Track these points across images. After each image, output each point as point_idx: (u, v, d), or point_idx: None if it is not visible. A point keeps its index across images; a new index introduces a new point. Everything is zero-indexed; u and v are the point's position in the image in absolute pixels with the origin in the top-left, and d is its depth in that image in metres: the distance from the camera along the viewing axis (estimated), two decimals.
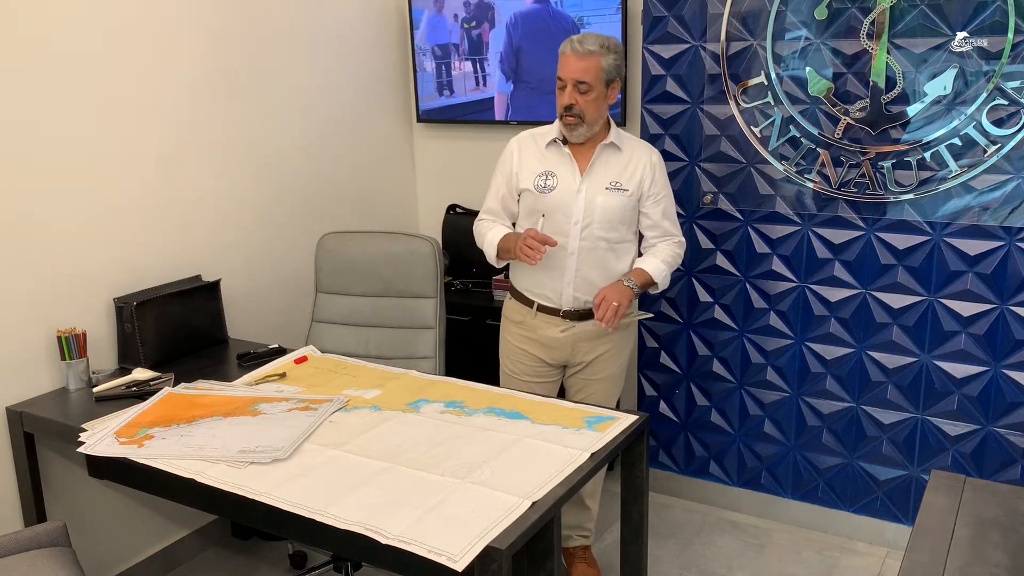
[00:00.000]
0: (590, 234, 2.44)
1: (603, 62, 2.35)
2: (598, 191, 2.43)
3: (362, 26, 3.43)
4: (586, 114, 2.36)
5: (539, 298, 2.53)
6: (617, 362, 2.60)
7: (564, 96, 2.36)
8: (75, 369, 2.42)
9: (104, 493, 2.66)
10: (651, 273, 2.46)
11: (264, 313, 3.10)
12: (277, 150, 3.11)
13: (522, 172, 2.50)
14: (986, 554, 1.47)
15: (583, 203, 2.42)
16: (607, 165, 2.45)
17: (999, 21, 2.42)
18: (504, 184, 2.54)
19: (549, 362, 2.58)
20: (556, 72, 2.39)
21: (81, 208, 2.49)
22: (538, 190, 2.46)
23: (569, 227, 2.44)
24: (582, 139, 2.42)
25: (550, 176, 2.45)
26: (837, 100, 2.68)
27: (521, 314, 2.59)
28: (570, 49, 2.35)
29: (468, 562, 1.54)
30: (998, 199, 2.52)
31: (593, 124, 2.40)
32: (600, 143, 2.44)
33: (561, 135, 2.46)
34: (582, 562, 2.72)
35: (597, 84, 2.35)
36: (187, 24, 2.73)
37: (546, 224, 2.46)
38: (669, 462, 3.25)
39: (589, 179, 2.43)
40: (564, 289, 2.48)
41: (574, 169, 2.45)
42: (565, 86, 2.36)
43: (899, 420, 2.80)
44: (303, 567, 2.86)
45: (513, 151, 2.53)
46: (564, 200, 2.43)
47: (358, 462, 1.90)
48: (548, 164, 2.47)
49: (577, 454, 1.91)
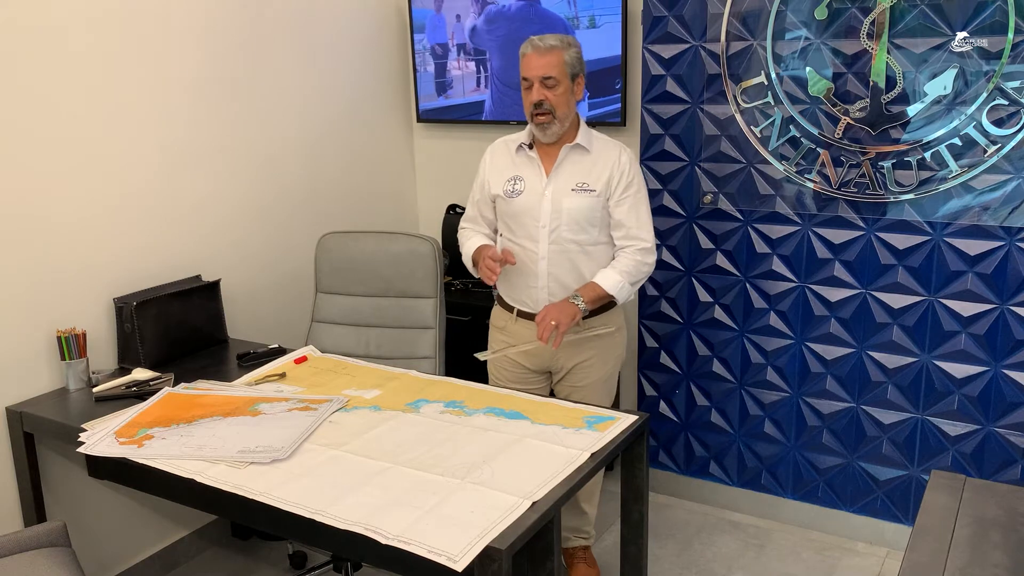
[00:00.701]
0: (559, 237, 2.42)
1: (566, 56, 2.34)
2: (564, 193, 2.41)
3: (362, 26, 3.43)
4: (557, 109, 2.34)
5: (517, 303, 2.52)
6: (602, 369, 2.55)
7: (532, 94, 2.34)
8: (75, 369, 2.42)
9: (104, 493, 2.66)
10: (605, 287, 2.40)
11: (264, 313, 3.10)
12: (277, 150, 3.11)
13: (493, 179, 2.51)
14: (986, 554, 1.47)
15: (549, 206, 2.41)
16: (573, 166, 2.43)
17: (999, 21, 2.42)
18: (479, 191, 2.56)
19: (532, 368, 2.56)
20: (520, 72, 2.37)
21: (81, 208, 2.49)
22: (507, 195, 2.46)
23: (537, 231, 2.43)
24: (555, 137, 2.40)
25: (518, 180, 2.45)
26: (837, 100, 2.68)
27: (503, 320, 2.58)
28: (531, 48, 2.34)
29: (468, 562, 1.54)
30: (998, 199, 2.52)
31: (564, 120, 2.38)
32: (566, 145, 2.42)
33: (530, 139, 2.45)
34: (582, 562, 2.72)
35: (563, 78, 2.34)
36: (187, 24, 2.73)
37: (516, 228, 2.46)
38: (669, 462, 3.25)
39: (555, 181, 2.42)
40: (539, 295, 2.46)
41: (540, 172, 2.44)
42: (531, 85, 2.34)
43: (899, 420, 2.80)
44: (303, 567, 2.86)
45: (486, 159, 2.56)
46: (531, 203, 2.43)
47: (358, 462, 1.90)
48: (517, 169, 2.48)
49: (577, 454, 1.91)
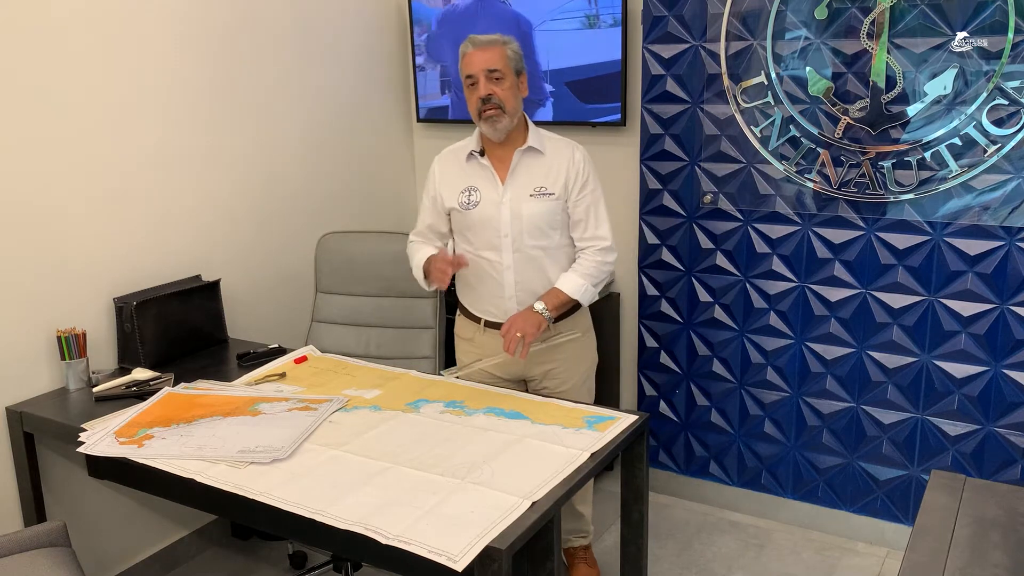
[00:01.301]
0: (522, 245, 2.36)
1: (507, 50, 2.29)
2: (522, 200, 2.34)
3: (363, 26, 3.43)
4: (505, 104, 2.27)
5: (484, 314, 2.47)
6: (577, 371, 2.51)
7: (479, 89, 2.27)
8: (75, 369, 2.42)
9: (104, 493, 2.66)
10: (567, 292, 2.35)
11: (264, 313, 3.10)
12: (277, 150, 3.11)
13: (444, 192, 2.44)
14: (986, 554, 1.47)
15: (508, 214, 2.34)
16: (529, 171, 2.36)
17: (999, 21, 2.42)
18: (431, 206, 2.48)
19: (504, 377, 2.50)
20: (461, 74, 2.32)
21: (81, 208, 2.49)
22: (463, 207, 2.39)
23: (499, 241, 2.37)
24: (504, 133, 2.31)
25: (473, 191, 2.38)
26: (837, 100, 2.68)
27: (470, 331, 2.52)
28: (472, 46, 2.29)
29: (468, 562, 1.54)
30: (998, 199, 2.52)
31: (513, 115, 2.31)
32: (518, 149, 2.36)
33: (479, 146, 2.39)
34: (583, 563, 2.72)
35: (508, 73, 2.28)
36: (187, 24, 2.73)
37: (476, 240, 2.40)
38: (669, 462, 3.25)
39: (512, 189, 2.36)
40: (506, 304, 2.41)
41: (495, 181, 2.37)
42: (476, 80, 2.27)
43: (899, 420, 2.80)
44: (303, 567, 2.86)
45: (435, 170, 2.48)
46: (489, 214, 2.36)
47: (358, 462, 1.90)
48: (469, 179, 2.40)
49: (577, 454, 1.91)
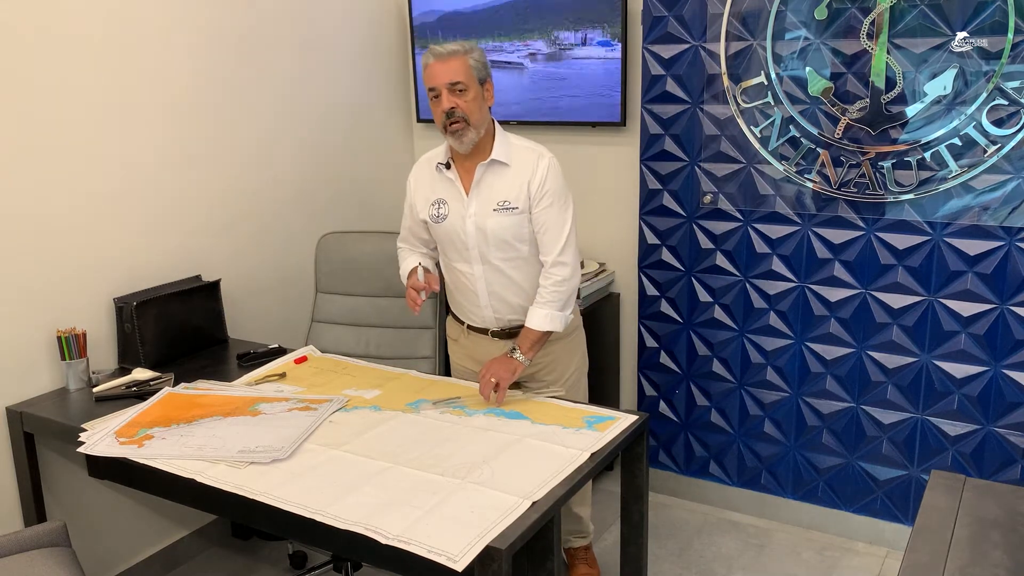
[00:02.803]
0: (489, 258, 2.34)
1: (469, 59, 2.23)
2: (487, 215, 2.31)
3: (363, 26, 3.43)
4: (470, 116, 2.22)
5: (466, 319, 2.48)
6: (566, 371, 2.48)
7: (442, 102, 2.22)
8: (75, 369, 2.42)
9: (104, 493, 2.66)
10: (536, 328, 2.29)
11: (264, 313, 3.10)
12: (277, 150, 3.11)
13: (417, 203, 2.43)
14: (986, 554, 1.47)
15: (473, 228, 2.31)
16: (493, 184, 2.31)
17: (999, 21, 2.42)
18: (409, 214, 2.49)
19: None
20: (425, 86, 2.27)
21: (81, 208, 2.49)
22: (432, 220, 2.38)
23: (468, 253, 2.35)
24: (471, 146, 2.27)
25: (441, 204, 2.36)
26: (837, 100, 2.68)
27: (456, 332, 2.54)
28: (432, 57, 2.23)
29: (468, 562, 1.54)
30: (998, 199, 2.52)
31: (479, 126, 2.26)
32: (481, 163, 2.30)
33: (447, 158, 2.36)
34: (583, 563, 2.72)
35: (472, 83, 2.23)
36: (187, 24, 2.73)
37: (450, 252, 2.40)
38: (669, 462, 3.25)
39: (476, 202, 2.31)
40: (483, 312, 2.41)
41: (460, 194, 2.33)
42: (439, 93, 2.22)
43: (899, 420, 2.80)
44: (303, 567, 2.86)
45: (411, 181, 2.47)
46: (457, 227, 2.33)
47: (358, 462, 1.90)
48: (438, 191, 2.37)
49: (577, 454, 1.91)
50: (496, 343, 2.42)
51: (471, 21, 3.41)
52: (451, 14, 3.44)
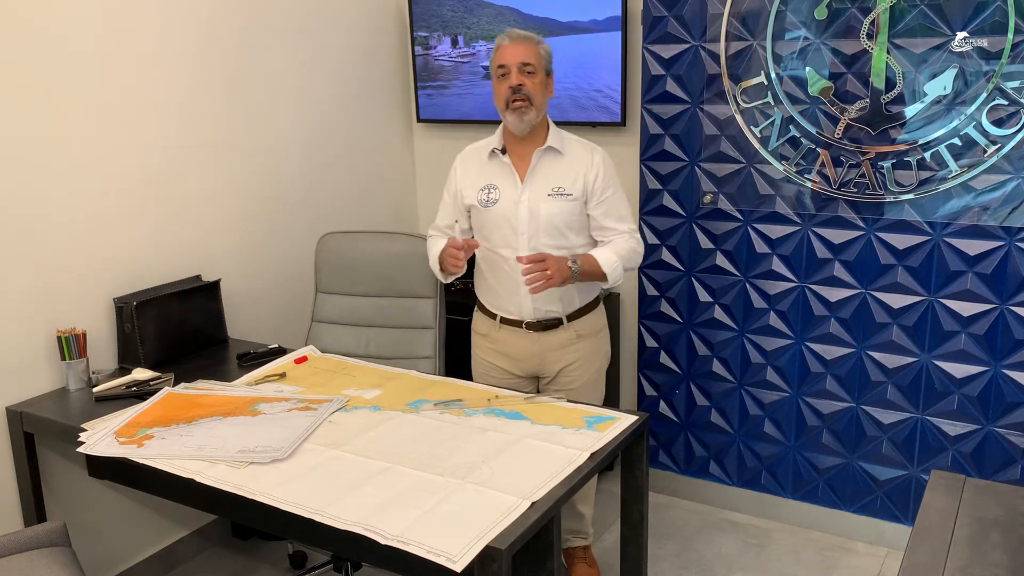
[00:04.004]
0: (538, 244, 2.38)
1: (540, 50, 2.36)
2: (540, 199, 2.37)
3: (362, 25, 3.43)
4: (534, 96, 2.32)
5: (500, 311, 2.50)
6: (589, 369, 2.54)
7: (510, 79, 2.31)
8: (75, 369, 2.42)
9: (104, 493, 2.66)
10: (600, 261, 2.36)
11: (264, 313, 3.10)
12: (277, 150, 3.11)
13: (465, 189, 2.47)
14: (986, 554, 1.47)
15: (526, 213, 2.38)
16: (548, 171, 2.40)
17: (999, 21, 2.42)
18: (451, 202, 2.52)
19: (518, 374, 2.54)
20: (493, 65, 2.36)
21: (81, 208, 2.49)
22: (482, 204, 2.43)
23: (516, 239, 2.39)
24: (529, 127, 2.35)
25: (492, 189, 2.42)
26: (837, 100, 2.68)
27: (486, 326, 2.56)
28: (508, 39, 2.34)
29: (467, 562, 1.54)
30: (998, 199, 2.52)
31: (540, 110, 2.36)
32: (538, 148, 2.39)
33: (501, 144, 2.42)
34: (582, 562, 2.72)
35: (539, 69, 2.34)
36: (186, 24, 2.73)
37: (494, 237, 2.43)
38: (669, 462, 3.25)
39: (530, 187, 2.39)
40: (523, 301, 2.44)
41: (514, 179, 2.40)
42: (508, 71, 2.32)
43: (899, 420, 2.80)
44: (303, 567, 2.86)
45: (456, 168, 2.52)
46: (508, 212, 2.39)
47: (358, 462, 1.90)
48: (489, 177, 2.44)
49: (577, 454, 1.91)
50: (529, 336, 2.47)
51: (466, 22, 3.41)
52: None
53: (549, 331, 2.46)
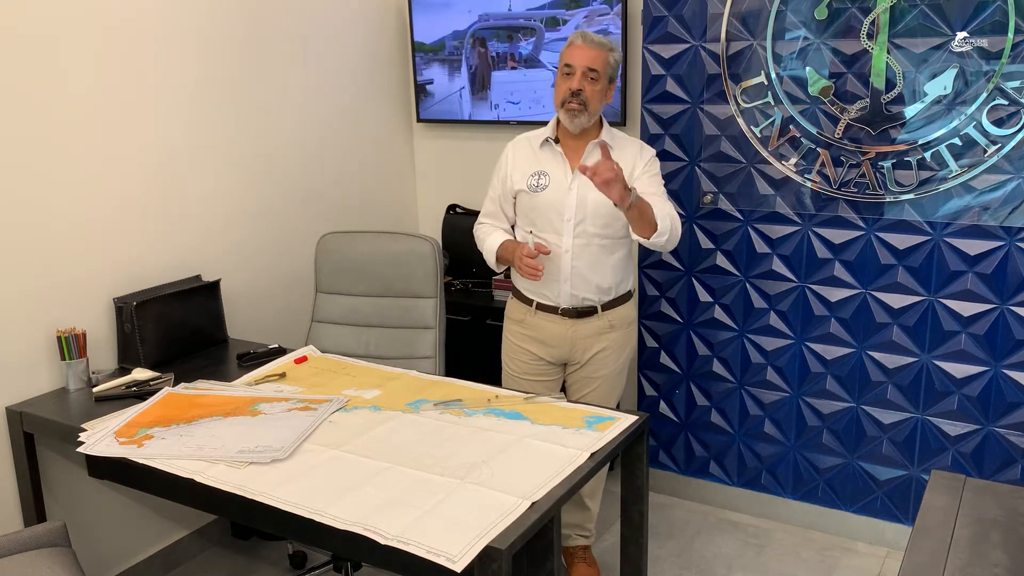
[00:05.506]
0: (584, 231, 2.45)
1: (610, 57, 2.41)
2: (590, 187, 2.40)
3: (362, 26, 3.43)
4: (590, 103, 2.39)
5: (538, 296, 2.56)
6: (617, 360, 2.60)
7: (573, 81, 2.37)
8: (75, 369, 2.42)
9: (104, 493, 2.66)
10: (656, 210, 2.33)
11: (264, 313, 3.10)
12: (277, 150, 3.11)
13: (515, 174, 2.53)
14: (986, 554, 1.47)
15: (575, 199, 2.44)
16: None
17: (999, 21, 2.42)
18: (500, 187, 2.58)
19: (550, 360, 2.59)
20: (561, 60, 2.41)
21: (81, 208, 2.49)
22: (531, 190, 2.49)
23: (562, 224, 2.45)
24: (580, 128, 2.43)
25: (542, 175, 2.48)
26: (837, 100, 2.67)
27: (521, 312, 2.61)
28: (581, 40, 2.39)
29: (467, 562, 1.54)
30: (998, 199, 2.52)
31: (593, 115, 2.43)
32: (592, 140, 2.46)
33: (554, 134, 2.48)
34: (582, 562, 2.72)
35: (603, 76, 2.40)
36: (186, 25, 2.73)
37: (540, 223, 2.48)
38: (669, 462, 3.25)
39: (580, 176, 2.43)
40: (561, 287, 2.49)
41: (565, 167, 2.47)
42: (574, 72, 2.38)
43: (899, 420, 2.80)
44: (303, 567, 2.86)
45: (508, 153, 2.58)
46: (557, 197, 2.45)
47: (357, 462, 1.90)
48: (540, 164, 2.50)
49: (577, 454, 1.91)
50: (564, 322, 2.52)
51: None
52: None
53: (583, 318, 2.52)
